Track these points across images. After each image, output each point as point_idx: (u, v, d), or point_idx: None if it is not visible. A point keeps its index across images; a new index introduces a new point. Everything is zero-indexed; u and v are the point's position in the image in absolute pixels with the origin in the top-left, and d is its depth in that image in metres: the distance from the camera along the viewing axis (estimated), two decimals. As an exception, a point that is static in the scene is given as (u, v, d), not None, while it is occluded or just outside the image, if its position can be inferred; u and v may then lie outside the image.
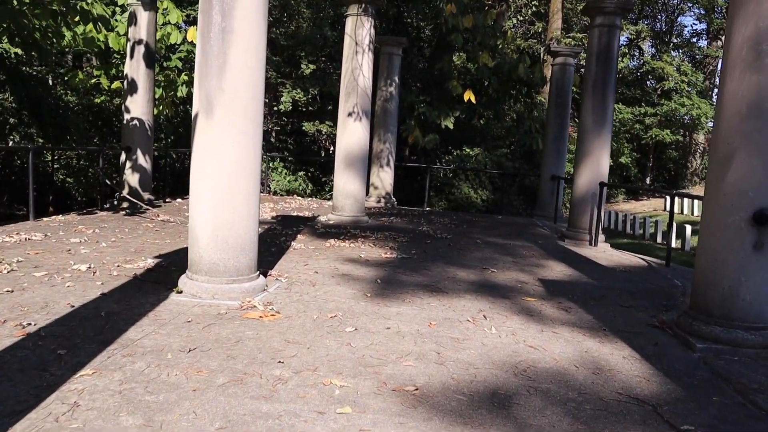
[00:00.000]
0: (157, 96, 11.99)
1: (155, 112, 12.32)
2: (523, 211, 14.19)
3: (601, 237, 8.68)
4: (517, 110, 15.97)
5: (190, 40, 11.28)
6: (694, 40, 30.92)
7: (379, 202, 12.59)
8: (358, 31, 9.00)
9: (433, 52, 16.60)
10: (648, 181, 30.33)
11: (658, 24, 29.55)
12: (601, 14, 8.46)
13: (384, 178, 12.67)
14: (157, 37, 11.39)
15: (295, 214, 10.00)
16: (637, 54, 33.66)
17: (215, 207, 4.28)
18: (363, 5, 8.93)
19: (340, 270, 5.53)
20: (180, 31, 11.67)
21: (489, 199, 14.08)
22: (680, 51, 29.54)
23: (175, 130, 15.30)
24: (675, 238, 14.71)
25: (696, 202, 21.09)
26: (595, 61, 8.56)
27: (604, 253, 7.94)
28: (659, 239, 15.41)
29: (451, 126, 13.73)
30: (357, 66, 9.03)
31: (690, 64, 26.90)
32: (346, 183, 9.23)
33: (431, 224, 9.72)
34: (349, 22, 9.10)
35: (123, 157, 9.57)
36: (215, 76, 4.15)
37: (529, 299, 4.88)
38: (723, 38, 29.97)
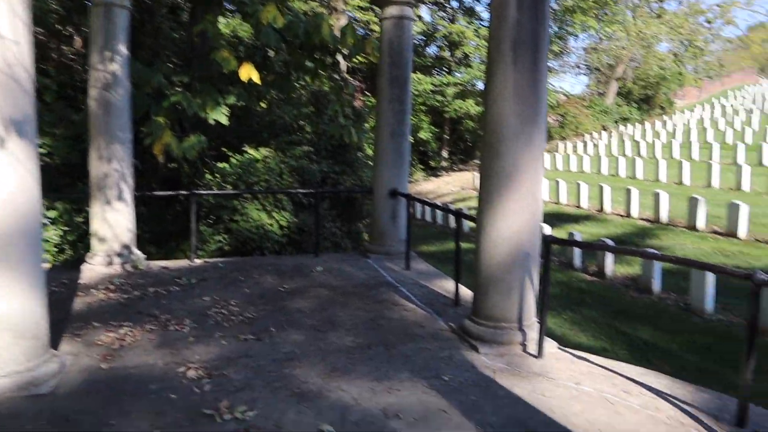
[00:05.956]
0: None
1: None
2: (346, 240, 9.89)
3: (547, 341, 4.63)
4: (317, 89, 11.50)
5: None
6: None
7: (110, 264, 7.24)
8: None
9: (192, 12, 11.23)
10: (445, 154, 28.29)
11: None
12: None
13: (116, 220, 7.31)
14: None
15: None
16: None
17: None
18: None
19: None
20: None
21: (292, 225, 9.51)
22: (464, 15, 27.57)
23: None
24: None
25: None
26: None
27: (569, 387, 3.97)
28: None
29: (223, 121, 8.78)
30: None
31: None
32: (-14, 296, 3.89)
33: (203, 328, 4.91)
34: None
35: None
36: None
37: None
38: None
